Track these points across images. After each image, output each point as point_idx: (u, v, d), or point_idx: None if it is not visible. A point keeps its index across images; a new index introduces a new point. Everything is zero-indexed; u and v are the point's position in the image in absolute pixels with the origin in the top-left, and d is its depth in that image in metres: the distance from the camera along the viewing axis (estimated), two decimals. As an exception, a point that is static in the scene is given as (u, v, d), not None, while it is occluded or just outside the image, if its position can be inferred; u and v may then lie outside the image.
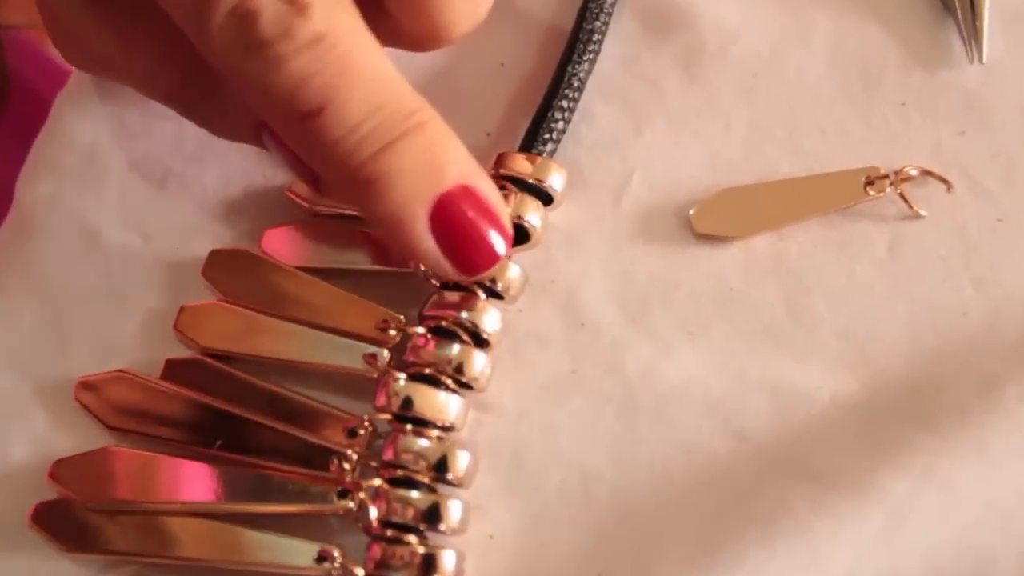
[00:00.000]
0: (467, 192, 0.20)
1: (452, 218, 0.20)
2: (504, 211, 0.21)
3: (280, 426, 0.24)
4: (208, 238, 0.27)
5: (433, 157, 0.20)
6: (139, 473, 0.24)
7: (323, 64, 0.19)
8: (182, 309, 0.26)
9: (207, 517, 0.24)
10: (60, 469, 0.25)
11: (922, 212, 0.25)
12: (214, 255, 0.26)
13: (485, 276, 0.22)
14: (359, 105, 0.19)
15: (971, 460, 0.22)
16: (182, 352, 0.26)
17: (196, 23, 0.20)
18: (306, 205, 0.26)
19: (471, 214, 0.21)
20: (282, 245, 0.26)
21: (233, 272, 0.26)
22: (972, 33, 0.26)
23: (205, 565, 0.23)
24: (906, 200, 0.25)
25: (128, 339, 0.26)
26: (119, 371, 0.26)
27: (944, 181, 0.25)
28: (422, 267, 0.25)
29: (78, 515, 0.24)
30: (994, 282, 0.24)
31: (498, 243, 0.21)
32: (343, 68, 0.19)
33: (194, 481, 0.24)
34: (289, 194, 0.26)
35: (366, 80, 0.19)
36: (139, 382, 0.25)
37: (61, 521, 0.24)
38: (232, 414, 0.25)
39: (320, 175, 0.22)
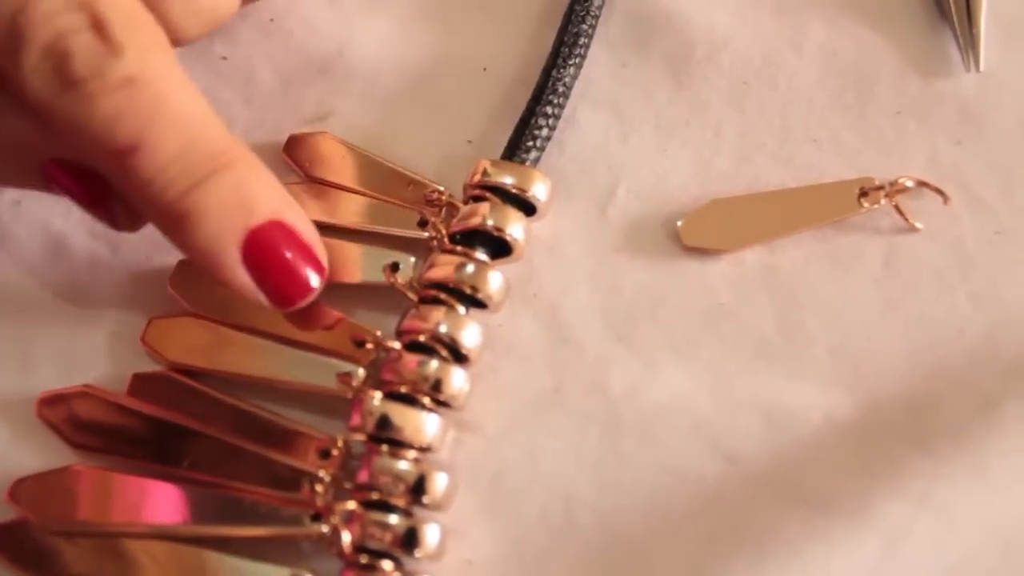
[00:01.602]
0: (278, 226, 0.21)
1: (262, 252, 0.21)
2: (318, 244, 0.22)
3: (250, 446, 0.23)
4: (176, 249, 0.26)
5: (242, 194, 0.21)
6: (103, 493, 0.23)
7: (135, 104, 0.20)
8: (150, 322, 0.25)
9: (174, 540, 0.23)
10: (20, 489, 0.24)
11: (918, 225, 0.24)
12: (182, 266, 0.26)
13: (300, 306, 0.22)
14: (170, 144, 0.20)
15: (969, 483, 0.21)
16: (150, 367, 0.25)
17: (10, 61, 0.20)
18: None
19: (282, 248, 0.22)
20: None
21: (202, 284, 0.25)
22: (968, 41, 0.26)
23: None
24: (901, 212, 0.24)
25: (94, 352, 0.25)
26: (84, 386, 0.25)
27: (940, 193, 0.24)
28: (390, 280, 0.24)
29: (38, 538, 0.23)
30: (992, 297, 0.24)
31: (311, 276, 0.22)
32: (155, 108, 0.20)
33: (160, 502, 0.23)
34: None
35: (177, 120, 0.20)
36: (104, 398, 0.24)
37: (20, 544, 0.23)
38: (200, 433, 0.24)
39: (129, 208, 0.22)
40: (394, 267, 0.25)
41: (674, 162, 0.26)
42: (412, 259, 0.25)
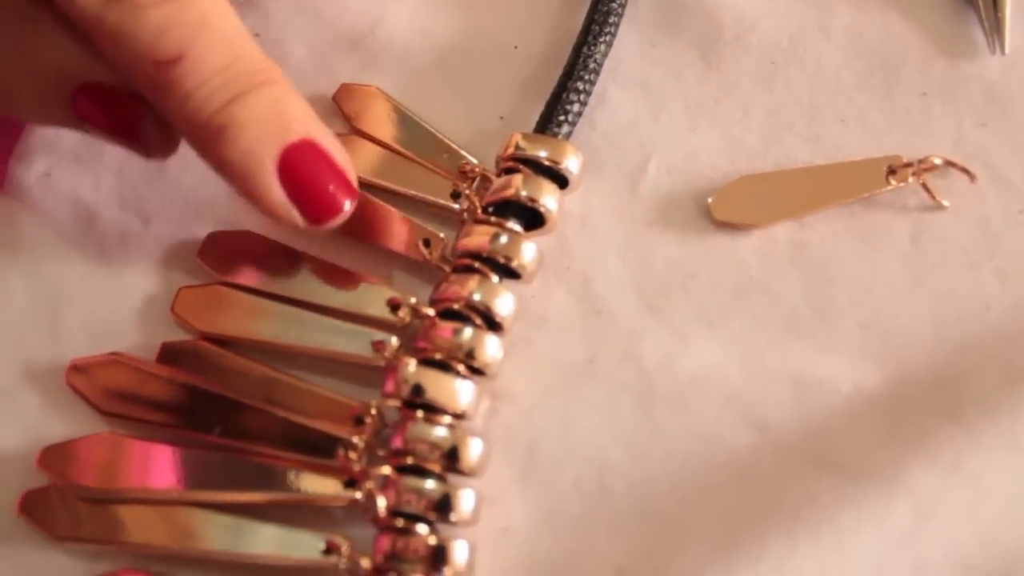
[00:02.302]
0: (312, 146, 0.22)
1: (297, 169, 0.22)
2: (350, 168, 0.23)
3: (282, 412, 0.23)
4: (209, 220, 0.26)
5: (280, 110, 0.22)
6: (132, 460, 0.24)
7: (182, 18, 0.21)
8: (180, 292, 0.25)
9: (205, 507, 0.23)
10: (49, 455, 0.24)
11: (944, 203, 0.25)
12: (212, 237, 0.26)
13: (331, 226, 0.23)
14: (213, 58, 0.21)
15: (999, 453, 0.22)
16: (180, 337, 0.25)
17: None
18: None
19: (317, 166, 0.22)
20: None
21: (233, 254, 0.25)
22: (994, 24, 0.26)
23: (204, 557, 0.23)
24: (928, 190, 0.25)
25: (124, 323, 0.25)
26: (113, 354, 0.25)
27: (967, 172, 0.25)
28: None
29: (68, 503, 0.23)
30: (1018, 274, 0.24)
31: (343, 197, 0.23)
32: (200, 24, 0.21)
33: (191, 469, 0.23)
34: None
35: (221, 36, 0.21)
36: (134, 365, 0.24)
37: (51, 509, 0.23)
38: (231, 399, 0.24)
39: (173, 126, 0.23)
40: (426, 243, 0.25)
41: (704, 140, 0.26)
42: (442, 235, 0.25)
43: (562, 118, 0.25)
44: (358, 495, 0.22)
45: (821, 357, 0.24)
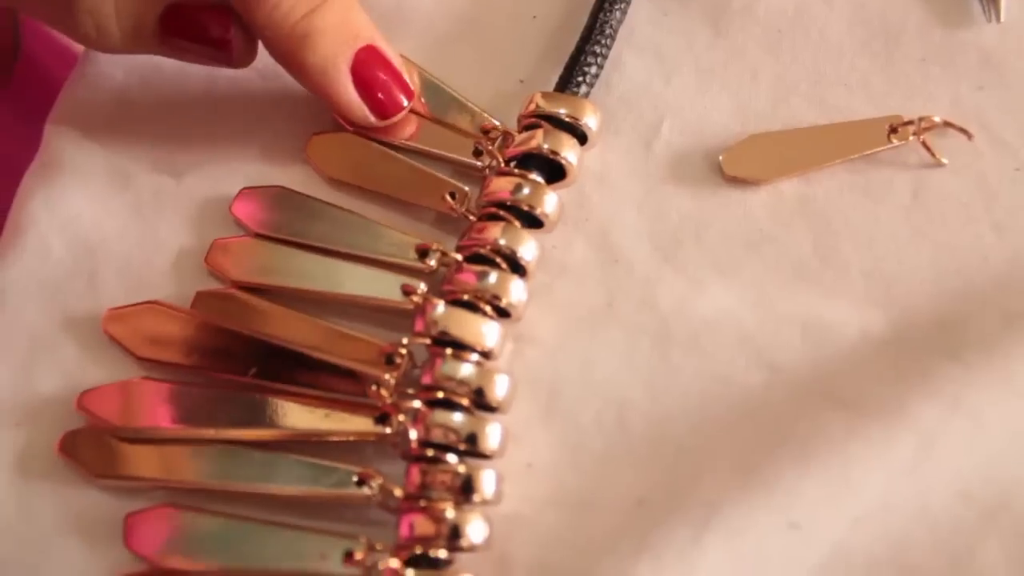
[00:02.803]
0: (376, 51, 0.26)
1: (367, 70, 0.26)
2: (405, 69, 0.26)
3: (315, 353, 0.25)
4: (240, 177, 0.27)
5: (350, 20, 0.25)
6: (168, 401, 0.25)
7: None
8: (214, 244, 0.26)
9: (239, 445, 0.24)
10: (88, 399, 0.25)
11: (944, 160, 0.26)
12: (244, 193, 0.27)
13: (393, 121, 0.27)
14: None
15: (998, 390, 0.23)
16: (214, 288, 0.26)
17: None
18: (350, 130, 0.27)
19: (381, 69, 0.26)
20: (325, 156, 0.27)
21: (264, 207, 0.27)
22: (989, -6, 0.28)
23: (237, 491, 0.24)
24: (928, 148, 0.26)
25: (158, 275, 0.27)
26: (149, 302, 0.26)
27: (965, 132, 0.26)
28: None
29: (106, 442, 0.24)
30: (1014, 228, 0.26)
31: (402, 95, 0.26)
32: None
33: (223, 409, 0.24)
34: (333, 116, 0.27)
35: None
36: (170, 312, 0.26)
37: (89, 448, 0.24)
38: (265, 342, 0.25)
39: (257, 35, 0.26)
40: (451, 195, 0.26)
41: (714, 102, 0.27)
42: (467, 188, 0.26)
43: (580, 79, 0.27)
44: (388, 430, 0.23)
45: (828, 302, 0.25)
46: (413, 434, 0.23)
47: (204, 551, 0.23)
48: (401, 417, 0.23)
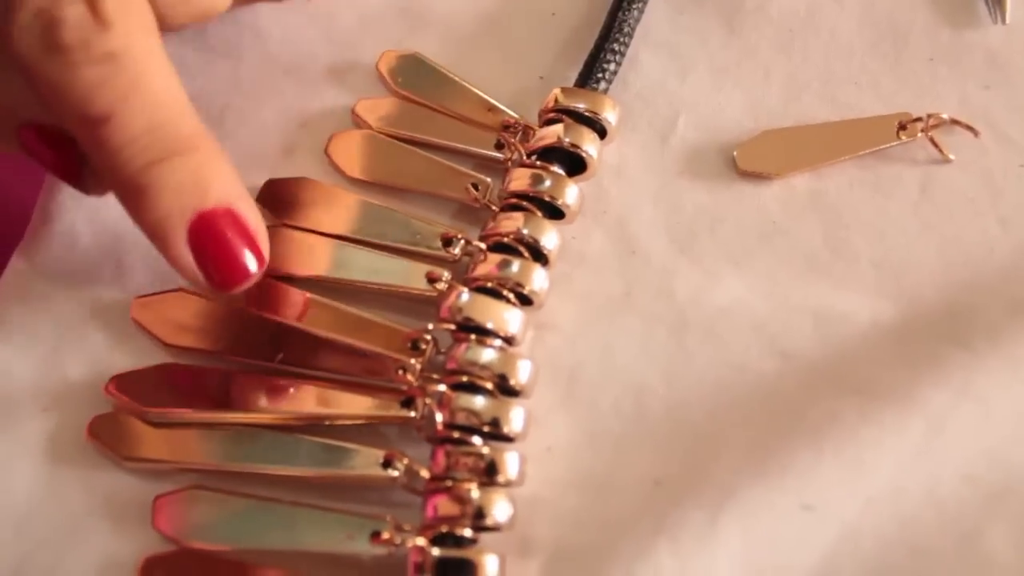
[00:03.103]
0: (227, 213, 0.23)
1: (208, 235, 0.23)
2: (263, 234, 0.24)
3: (342, 338, 0.25)
4: (266, 170, 0.28)
5: (198, 177, 0.23)
6: (196, 386, 0.25)
7: (113, 79, 0.22)
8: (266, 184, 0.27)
9: (264, 428, 0.25)
10: (117, 383, 0.25)
11: (951, 156, 0.27)
12: (270, 184, 0.28)
13: (237, 291, 0.24)
14: (140, 121, 0.22)
15: (1005, 375, 0.24)
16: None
17: (3, 17, 0.22)
18: (373, 129, 0.28)
19: (227, 233, 0.23)
20: (346, 153, 0.28)
21: (289, 198, 0.27)
22: (995, -4, 0.29)
23: (265, 474, 0.24)
24: (936, 145, 0.27)
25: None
26: (176, 289, 0.26)
27: (971, 129, 0.27)
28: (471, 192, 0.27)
29: (134, 426, 0.25)
30: (1018, 222, 0.27)
31: (251, 262, 0.24)
32: (131, 86, 0.22)
33: (252, 393, 0.25)
34: (353, 115, 0.28)
35: (150, 100, 0.22)
36: (197, 299, 0.26)
37: (118, 432, 0.25)
38: (292, 327, 0.26)
39: (97, 175, 0.24)
40: (474, 186, 0.27)
41: (728, 99, 0.28)
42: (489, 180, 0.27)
43: (600, 75, 0.28)
44: (414, 413, 0.24)
45: (839, 293, 0.26)
46: (439, 416, 0.24)
47: (231, 532, 0.24)
48: (427, 400, 0.24)
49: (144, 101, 0.22)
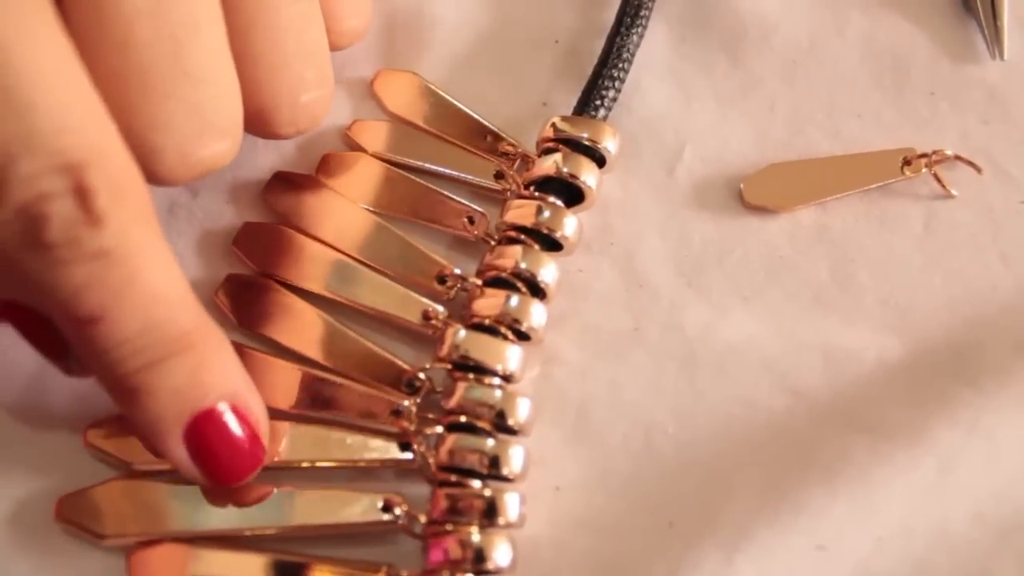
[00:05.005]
0: (227, 410, 0.22)
1: (205, 435, 0.22)
2: (264, 429, 0.23)
3: (338, 379, 0.25)
4: (256, 188, 0.28)
5: (195, 379, 0.22)
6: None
7: (104, 278, 0.20)
8: (244, 226, 0.27)
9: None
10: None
11: (953, 192, 0.28)
12: (277, 176, 0.28)
13: (242, 484, 0.24)
14: (132, 322, 0.21)
15: (1013, 414, 0.25)
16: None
17: None
18: (367, 152, 0.28)
19: (227, 430, 0.22)
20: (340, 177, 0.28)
21: (294, 196, 0.28)
22: (993, 33, 0.30)
23: (262, 535, 0.24)
24: (939, 180, 0.28)
25: (187, 258, 0.27)
26: None
27: (974, 166, 0.28)
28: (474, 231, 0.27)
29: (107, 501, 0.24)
30: (1020, 258, 0.28)
31: (253, 458, 0.23)
32: (124, 285, 0.20)
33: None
34: (346, 137, 0.29)
35: (144, 299, 0.21)
36: None
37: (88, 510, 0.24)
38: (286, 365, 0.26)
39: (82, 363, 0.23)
40: (470, 220, 0.27)
41: (734, 130, 0.29)
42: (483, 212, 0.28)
43: (598, 103, 0.28)
44: (411, 456, 0.24)
45: (847, 329, 0.27)
46: (436, 459, 0.24)
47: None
48: (422, 446, 0.24)
49: (138, 299, 0.21)
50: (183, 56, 0.22)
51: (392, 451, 0.25)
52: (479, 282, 0.26)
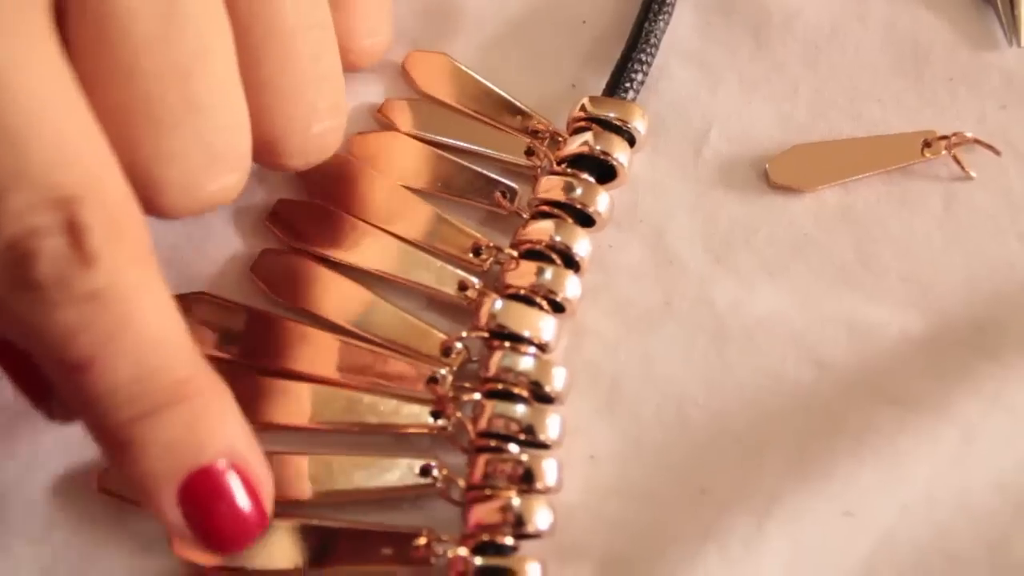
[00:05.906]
0: (227, 468, 0.21)
1: (202, 496, 0.21)
2: (267, 486, 0.22)
3: (373, 347, 0.26)
4: (288, 174, 0.29)
5: (192, 433, 0.20)
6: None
7: (96, 322, 0.19)
8: (278, 202, 0.28)
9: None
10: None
11: (972, 174, 0.30)
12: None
13: (237, 551, 0.22)
14: (125, 369, 0.19)
15: (1033, 386, 0.26)
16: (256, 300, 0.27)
17: None
18: (399, 130, 0.29)
19: (226, 491, 0.21)
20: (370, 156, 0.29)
21: (326, 173, 0.28)
22: (1010, 20, 0.31)
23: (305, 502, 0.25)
24: (959, 162, 0.29)
25: (209, 265, 0.28)
26: (199, 293, 0.27)
27: (993, 149, 0.30)
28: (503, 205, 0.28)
29: None
30: (1037, 239, 0.29)
31: (254, 521, 0.21)
32: (116, 328, 0.19)
33: (274, 402, 0.26)
34: (378, 115, 0.30)
35: (138, 344, 0.20)
36: (219, 303, 0.27)
37: None
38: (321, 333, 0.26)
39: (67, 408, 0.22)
40: (503, 194, 0.28)
41: (759, 112, 0.30)
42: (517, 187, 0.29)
43: (627, 85, 0.29)
44: (443, 423, 0.25)
45: (870, 305, 0.28)
46: (475, 425, 0.25)
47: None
48: (458, 414, 0.25)
49: (131, 345, 0.19)
50: (191, 86, 0.21)
51: (424, 416, 0.26)
52: (515, 253, 0.27)
